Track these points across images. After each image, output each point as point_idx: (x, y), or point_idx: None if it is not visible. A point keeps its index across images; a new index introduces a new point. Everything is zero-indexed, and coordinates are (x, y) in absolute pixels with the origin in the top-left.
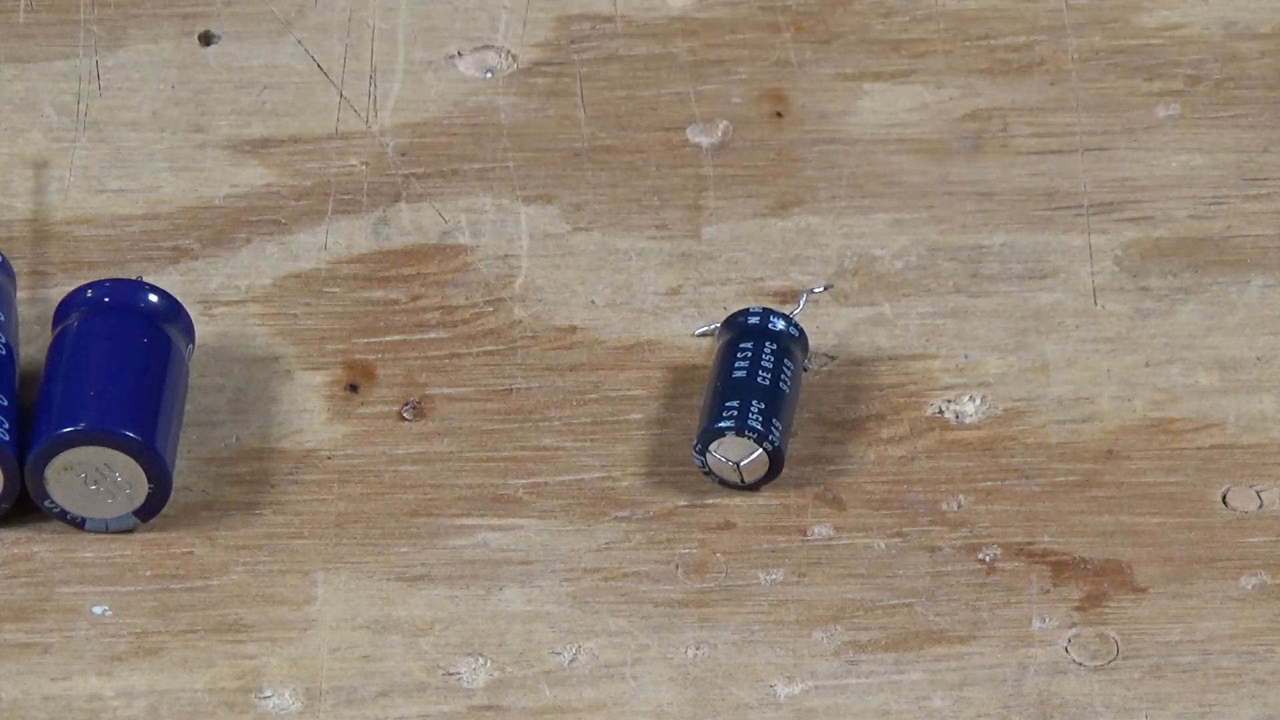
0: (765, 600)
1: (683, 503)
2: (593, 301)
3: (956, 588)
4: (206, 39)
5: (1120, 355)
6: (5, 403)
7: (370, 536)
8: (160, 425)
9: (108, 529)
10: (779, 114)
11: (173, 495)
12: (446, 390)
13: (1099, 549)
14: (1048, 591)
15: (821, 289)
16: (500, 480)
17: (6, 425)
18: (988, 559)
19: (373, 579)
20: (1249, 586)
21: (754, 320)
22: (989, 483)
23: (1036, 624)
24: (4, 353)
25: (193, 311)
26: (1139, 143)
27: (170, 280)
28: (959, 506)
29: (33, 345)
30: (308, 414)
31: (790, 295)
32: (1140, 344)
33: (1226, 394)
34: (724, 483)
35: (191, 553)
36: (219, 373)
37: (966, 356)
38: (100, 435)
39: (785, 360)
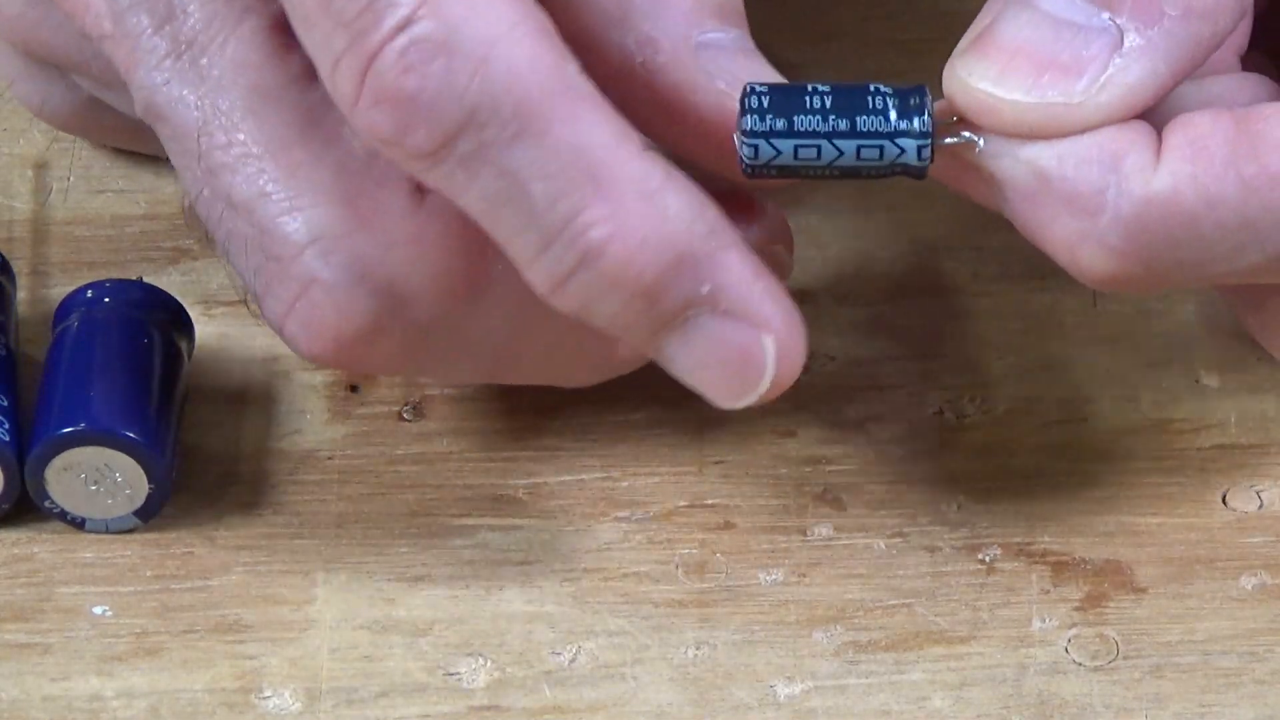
0: (765, 600)
1: (683, 503)
2: None
3: (956, 588)
4: None
5: (1120, 355)
6: (5, 403)
7: (370, 536)
8: (160, 425)
9: (108, 529)
10: None
11: (173, 495)
12: (446, 390)
13: (1099, 549)
14: (1048, 591)
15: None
16: (500, 480)
17: (6, 425)
18: (988, 559)
19: (373, 579)
20: (1249, 586)
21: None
22: (989, 483)
23: (1036, 624)
24: (4, 353)
25: (193, 311)
26: None
27: (170, 280)
28: (959, 506)
29: (33, 345)
30: (308, 414)
31: (790, 294)
32: (1140, 344)
33: (1226, 394)
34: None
35: (191, 553)
36: (219, 373)
37: (967, 357)
38: (100, 435)
39: None
